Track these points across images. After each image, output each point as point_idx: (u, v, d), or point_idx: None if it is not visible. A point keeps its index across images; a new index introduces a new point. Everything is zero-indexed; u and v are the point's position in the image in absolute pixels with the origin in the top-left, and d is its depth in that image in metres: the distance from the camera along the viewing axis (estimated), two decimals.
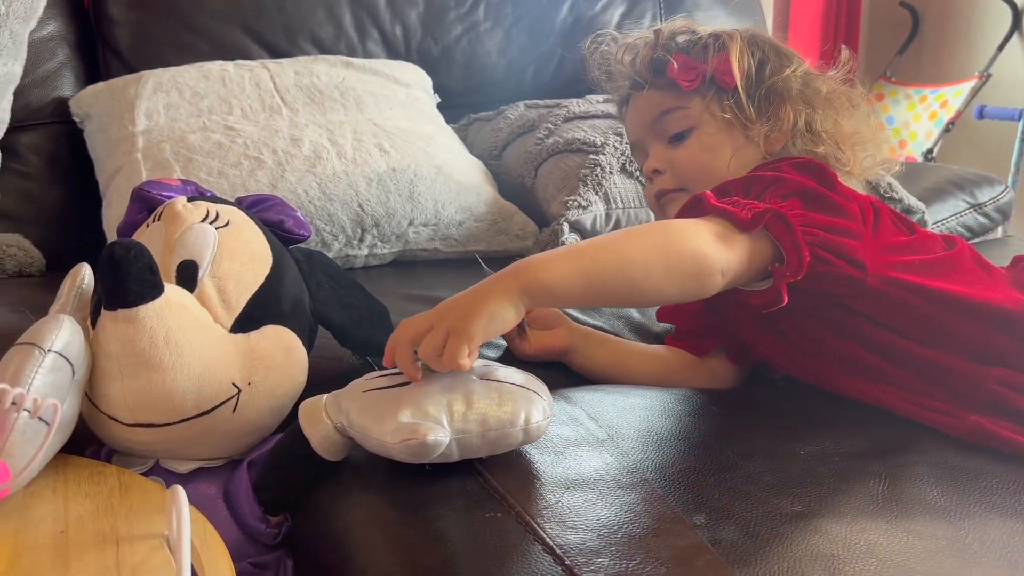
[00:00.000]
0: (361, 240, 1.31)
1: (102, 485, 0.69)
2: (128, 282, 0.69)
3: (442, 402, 0.69)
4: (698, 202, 0.78)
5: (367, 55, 1.70)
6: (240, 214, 0.83)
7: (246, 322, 0.77)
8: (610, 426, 0.78)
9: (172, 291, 0.73)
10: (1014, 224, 1.96)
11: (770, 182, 0.80)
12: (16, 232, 1.36)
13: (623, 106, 1.00)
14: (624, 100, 1.00)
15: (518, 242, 1.39)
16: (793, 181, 0.80)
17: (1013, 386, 0.75)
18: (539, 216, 1.42)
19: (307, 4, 1.66)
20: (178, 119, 1.37)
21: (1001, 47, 2.72)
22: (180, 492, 0.59)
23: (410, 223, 1.32)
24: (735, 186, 0.82)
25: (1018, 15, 2.73)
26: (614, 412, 0.81)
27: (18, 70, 1.37)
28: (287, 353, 0.79)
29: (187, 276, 0.77)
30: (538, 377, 0.75)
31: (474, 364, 0.74)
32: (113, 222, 1.21)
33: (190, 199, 0.82)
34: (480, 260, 0.90)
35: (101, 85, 1.47)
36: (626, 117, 1.00)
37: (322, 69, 1.52)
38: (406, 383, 0.71)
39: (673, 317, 1.00)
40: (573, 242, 1.30)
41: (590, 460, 0.72)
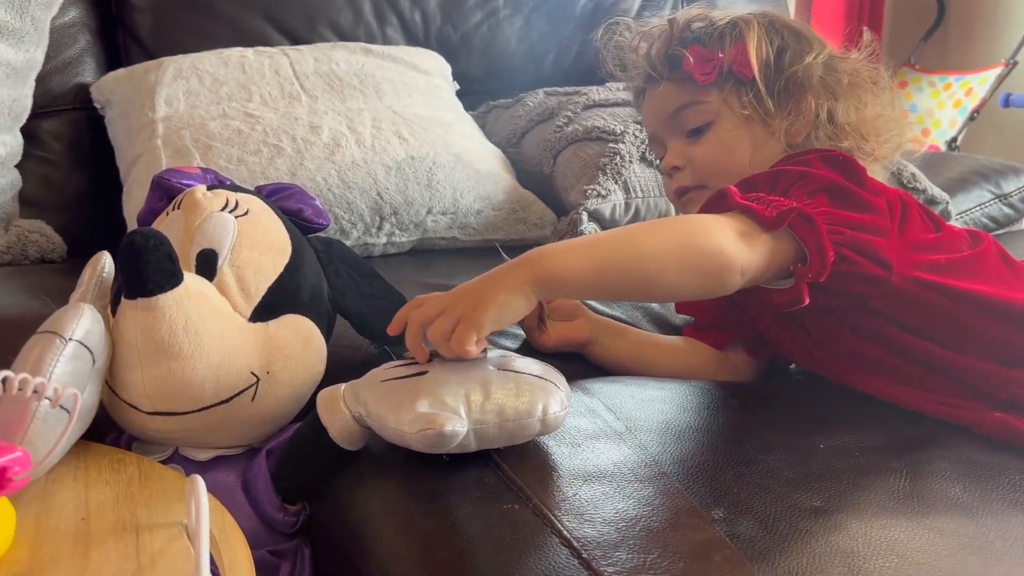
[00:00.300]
0: (379, 228, 1.31)
1: (122, 473, 0.69)
2: (148, 271, 0.69)
3: (460, 392, 0.68)
4: (722, 197, 0.77)
5: (386, 42, 1.70)
6: (259, 203, 0.83)
7: (265, 311, 0.77)
8: (628, 418, 0.77)
9: (192, 280, 0.73)
10: None
11: (798, 177, 0.79)
12: (37, 218, 1.37)
13: (639, 97, 0.98)
14: (640, 92, 0.98)
15: (536, 231, 1.39)
16: (821, 176, 0.78)
17: None
18: (558, 205, 1.41)
19: None
20: (198, 106, 1.37)
21: None
22: (199, 481, 0.60)
23: (428, 211, 1.32)
24: (762, 180, 0.80)
25: None
26: (632, 404, 0.81)
27: (40, 56, 1.38)
28: (306, 342, 0.79)
29: (207, 265, 0.77)
30: (555, 368, 0.75)
31: (491, 354, 0.74)
32: (133, 209, 1.21)
33: (210, 187, 0.83)
34: (500, 250, 0.89)
35: (122, 72, 1.48)
36: (643, 109, 0.98)
37: (341, 56, 1.52)
38: (423, 373, 0.71)
39: (692, 309, 1.00)
40: (592, 231, 1.29)
41: (608, 452, 0.71)
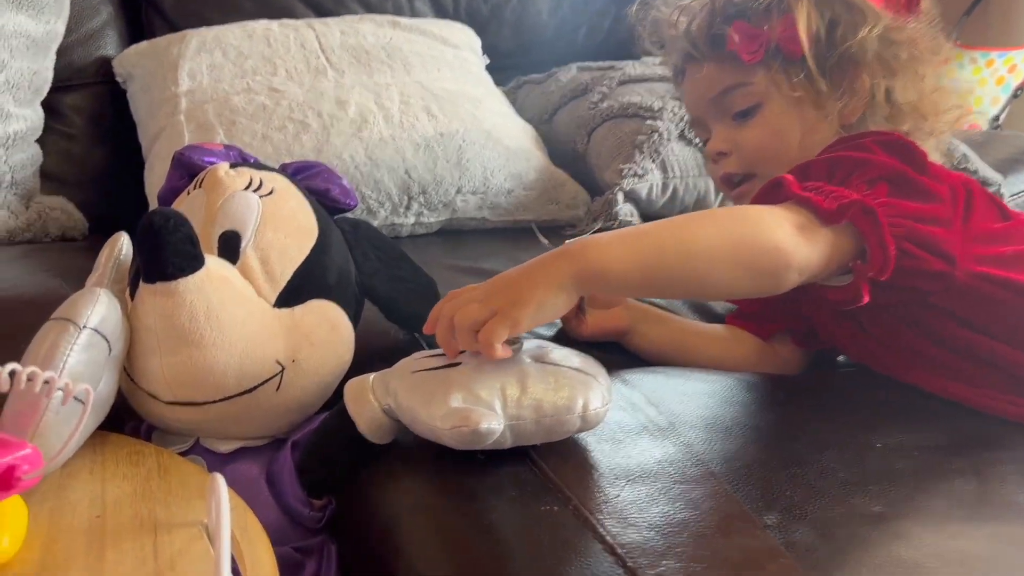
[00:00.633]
0: (408, 208, 1.27)
1: (140, 466, 0.66)
2: (167, 253, 0.66)
3: (495, 386, 0.65)
4: (777, 186, 0.72)
5: (414, 14, 1.66)
6: (284, 181, 0.80)
7: (290, 296, 0.74)
8: (671, 413, 0.73)
9: (213, 263, 0.70)
10: None
11: (856, 164, 0.73)
12: (58, 194, 1.34)
13: (679, 76, 0.92)
14: (680, 71, 0.92)
15: (569, 212, 1.34)
16: (880, 163, 0.73)
17: None
18: (591, 184, 1.37)
19: None
20: (222, 80, 1.33)
21: None
22: (220, 481, 0.56)
23: (458, 191, 1.28)
24: (817, 168, 0.74)
25: None
26: (675, 398, 0.76)
27: (60, 28, 1.35)
28: (332, 329, 0.76)
29: (229, 247, 0.73)
30: (595, 359, 0.71)
31: (527, 345, 0.70)
32: (155, 186, 1.18)
33: (233, 165, 0.79)
34: (536, 230, 0.85)
35: (144, 44, 1.44)
36: (684, 90, 0.92)
37: (368, 29, 1.48)
38: (456, 364, 0.67)
39: None
40: (628, 213, 1.25)
41: (651, 450, 0.67)
